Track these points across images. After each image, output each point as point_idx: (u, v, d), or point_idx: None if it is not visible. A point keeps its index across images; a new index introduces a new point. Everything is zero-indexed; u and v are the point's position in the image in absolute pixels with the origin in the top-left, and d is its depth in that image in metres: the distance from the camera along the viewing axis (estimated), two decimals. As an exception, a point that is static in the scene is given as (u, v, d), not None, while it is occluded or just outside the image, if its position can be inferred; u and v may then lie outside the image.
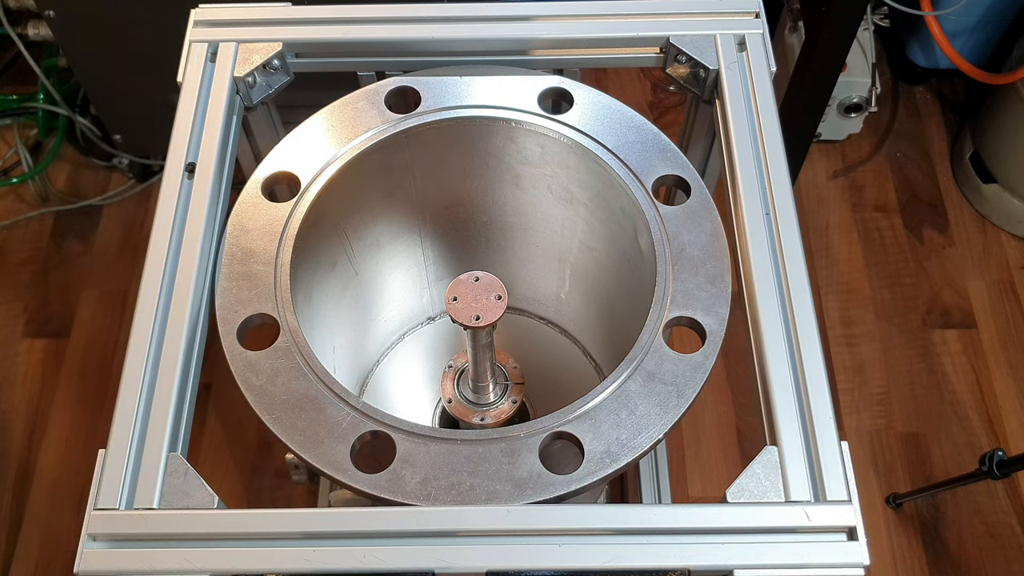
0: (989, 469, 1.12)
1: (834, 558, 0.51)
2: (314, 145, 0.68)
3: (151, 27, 1.25)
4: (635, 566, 0.51)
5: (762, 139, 0.66)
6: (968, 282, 1.59)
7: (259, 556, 0.51)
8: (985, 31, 1.61)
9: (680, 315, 0.60)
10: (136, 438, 0.55)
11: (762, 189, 0.64)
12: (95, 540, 0.52)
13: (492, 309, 0.62)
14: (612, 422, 0.56)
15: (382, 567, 0.51)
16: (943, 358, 1.51)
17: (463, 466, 0.55)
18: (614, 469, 0.55)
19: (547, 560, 0.51)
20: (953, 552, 1.34)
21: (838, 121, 1.66)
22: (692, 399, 0.57)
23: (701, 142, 0.80)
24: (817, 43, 1.27)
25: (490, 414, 0.75)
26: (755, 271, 0.61)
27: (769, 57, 0.71)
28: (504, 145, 0.73)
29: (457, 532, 0.52)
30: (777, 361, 0.58)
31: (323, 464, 0.55)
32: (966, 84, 1.78)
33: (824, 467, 0.54)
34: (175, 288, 0.61)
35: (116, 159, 1.59)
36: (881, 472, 1.41)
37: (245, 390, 0.58)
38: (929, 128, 1.76)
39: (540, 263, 0.88)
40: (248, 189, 0.67)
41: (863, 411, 1.46)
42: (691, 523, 0.52)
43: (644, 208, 0.65)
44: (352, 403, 0.57)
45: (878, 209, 1.67)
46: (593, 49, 0.73)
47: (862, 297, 1.57)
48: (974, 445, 1.43)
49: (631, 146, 0.68)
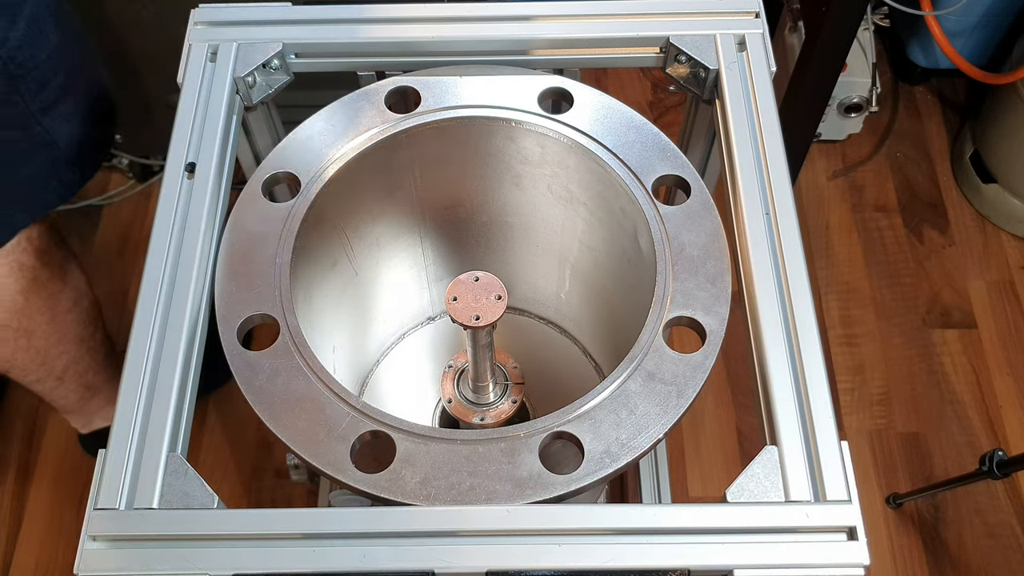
0: (989, 469, 1.12)
1: (834, 558, 0.51)
2: (314, 145, 0.68)
3: (151, 27, 1.25)
4: (635, 566, 0.51)
5: (762, 139, 0.66)
6: (968, 282, 1.59)
7: (259, 556, 0.51)
8: (985, 31, 1.61)
9: (680, 315, 0.60)
10: (136, 438, 0.55)
11: (762, 189, 0.64)
12: (95, 540, 0.52)
13: (492, 309, 0.62)
14: (612, 422, 0.56)
15: (382, 567, 0.51)
16: (943, 358, 1.51)
17: (463, 466, 0.55)
18: (614, 469, 0.55)
19: (547, 560, 0.51)
20: (953, 552, 1.34)
21: (838, 121, 1.65)
22: (692, 399, 0.57)
23: (701, 142, 0.80)
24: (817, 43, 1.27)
25: (490, 414, 0.75)
26: (755, 271, 0.61)
27: (769, 57, 0.71)
28: (504, 145, 0.73)
29: (457, 532, 0.52)
30: (777, 361, 0.58)
31: (323, 464, 0.55)
32: (966, 84, 1.77)
33: (824, 467, 0.54)
34: (175, 288, 0.61)
35: (116, 159, 1.59)
36: (881, 472, 1.41)
37: (245, 390, 0.58)
38: (929, 128, 1.76)
39: (540, 263, 0.87)
40: (248, 189, 0.67)
41: (863, 411, 1.46)
42: (691, 523, 0.52)
43: (644, 208, 0.65)
44: (352, 403, 0.57)
45: (878, 209, 1.67)
46: (593, 49, 0.73)
47: (862, 297, 1.57)
48: (974, 445, 1.42)
49: (631, 146, 0.68)
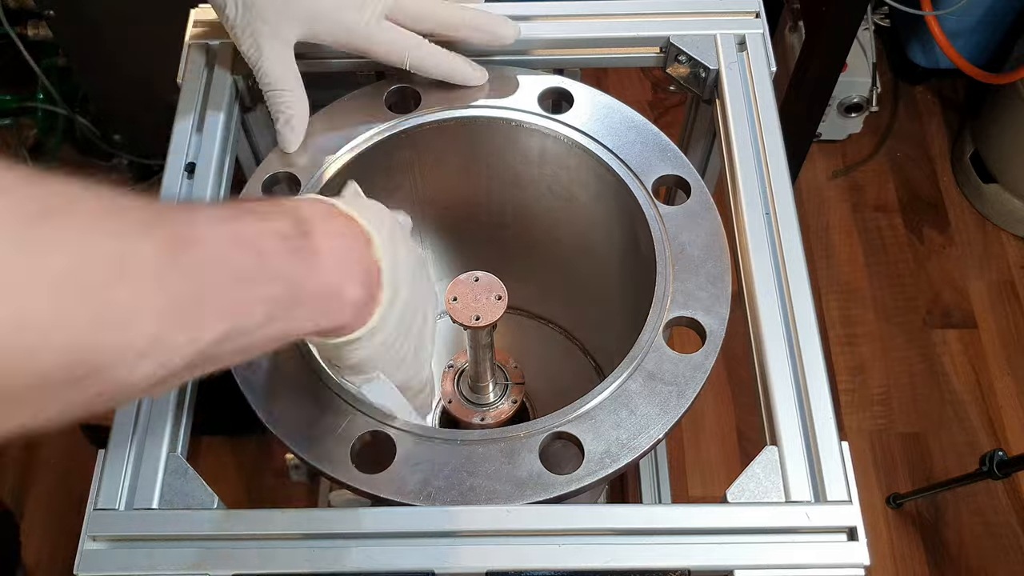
0: (989, 469, 1.12)
1: (835, 558, 0.51)
2: (314, 145, 0.68)
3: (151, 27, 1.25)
4: (635, 566, 0.51)
5: (762, 139, 0.66)
6: (968, 282, 1.59)
7: (259, 556, 0.51)
8: (985, 31, 1.61)
9: (680, 315, 0.60)
10: (136, 438, 0.55)
11: (762, 189, 0.64)
12: (95, 540, 0.52)
13: (492, 309, 0.62)
14: (612, 422, 0.56)
15: (382, 567, 0.51)
16: (943, 358, 1.51)
17: (463, 466, 0.55)
18: (614, 469, 0.55)
19: (547, 560, 0.51)
20: (953, 552, 1.34)
21: (838, 121, 1.66)
22: (692, 399, 0.57)
23: (701, 142, 0.79)
24: (817, 43, 1.27)
25: (490, 414, 0.75)
26: (755, 271, 0.61)
27: (769, 57, 0.70)
28: (504, 145, 0.73)
29: (457, 532, 0.52)
30: (777, 361, 0.57)
31: (323, 464, 0.55)
32: (966, 84, 1.77)
33: (824, 467, 0.54)
34: (175, 288, 0.61)
35: (116, 159, 1.59)
36: (881, 472, 1.41)
37: (244, 389, 0.58)
38: (929, 128, 1.76)
39: (540, 263, 0.87)
40: (248, 189, 0.67)
41: (863, 411, 1.46)
42: (691, 523, 0.52)
43: (644, 208, 0.65)
44: (352, 403, 0.57)
45: (878, 209, 1.67)
46: (593, 49, 0.73)
47: (862, 297, 1.57)
48: (974, 445, 1.43)
49: (631, 146, 0.68)
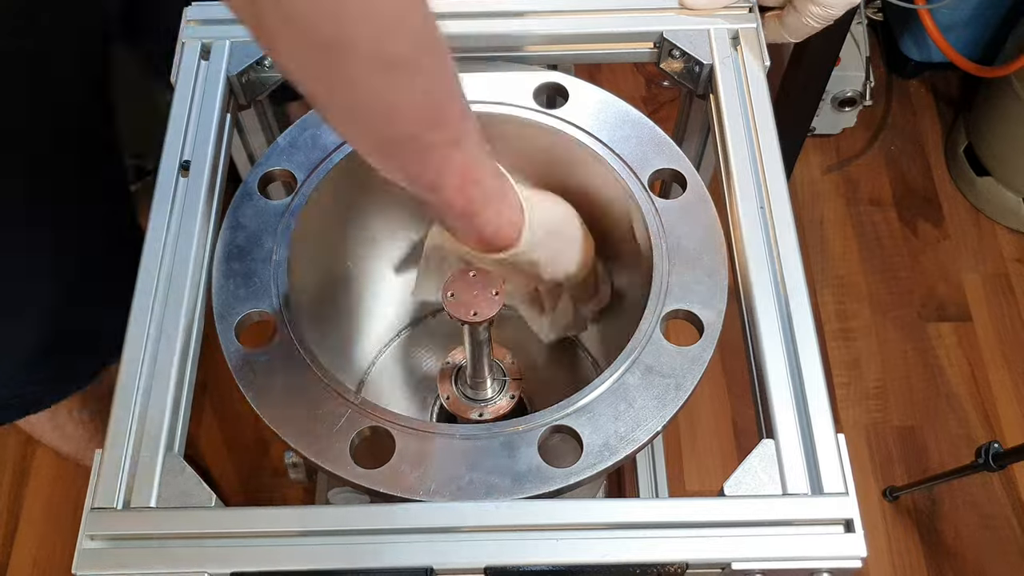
0: (985, 461, 1.12)
1: (832, 550, 0.51)
2: (310, 142, 0.68)
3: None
4: (633, 560, 0.51)
5: (756, 133, 0.66)
6: (963, 275, 1.59)
7: (257, 554, 0.51)
8: (978, 24, 1.61)
9: (677, 308, 0.61)
10: (133, 437, 0.55)
11: (757, 183, 0.64)
12: (93, 539, 0.52)
13: (489, 304, 0.62)
14: (610, 415, 0.56)
15: (381, 563, 0.51)
16: (938, 351, 1.51)
17: (462, 461, 0.55)
18: (613, 462, 0.55)
19: (545, 554, 0.51)
20: (949, 544, 1.35)
21: (832, 115, 1.66)
22: (690, 392, 0.57)
23: (695, 137, 0.80)
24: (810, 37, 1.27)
25: (488, 410, 0.75)
26: (750, 265, 0.61)
27: (763, 51, 0.71)
28: (500, 141, 0.73)
29: (456, 527, 0.52)
30: (773, 354, 0.58)
31: (322, 460, 0.55)
32: (960, 77, 1.78)
33: (821, 460, 0.54)
34: (171, 287, 0.61)
35: (111, 159, 1.59)
36: (877, 465, 1.41)
37: (243, 387, 0.58)
38: (923, 122, 1.76)
39: (536, 259, 0.87)
40: (244, 187, 0.67)
41: (859, 404, 1.47)
42: (688, 517, 0.52)
43: (640, 202, 0.66)
44: (350, 399, 0.57)
45: (873, 203, 1.67)
46: (587, 44, 0.73)
47: (857, 291, 1.58)
48: (970, 438, 1.43)
49: (627, 140, 0.68)
